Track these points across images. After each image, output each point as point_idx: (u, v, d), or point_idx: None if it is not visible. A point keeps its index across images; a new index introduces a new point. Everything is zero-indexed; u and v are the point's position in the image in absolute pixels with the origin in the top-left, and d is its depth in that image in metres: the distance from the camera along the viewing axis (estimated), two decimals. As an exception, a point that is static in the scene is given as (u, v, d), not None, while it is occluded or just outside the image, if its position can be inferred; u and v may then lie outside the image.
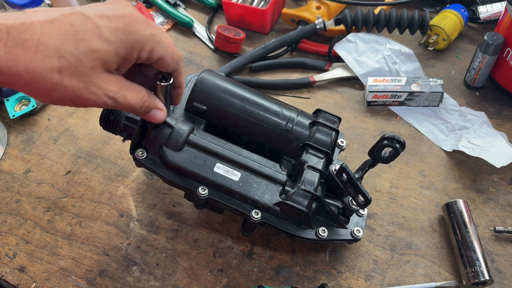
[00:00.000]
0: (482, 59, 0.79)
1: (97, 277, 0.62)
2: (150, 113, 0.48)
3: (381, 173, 0.73)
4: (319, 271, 0.63)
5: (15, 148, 0.75)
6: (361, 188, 0.53)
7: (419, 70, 0.85)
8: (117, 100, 0.42)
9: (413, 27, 0.87)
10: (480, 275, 0.59)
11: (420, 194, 0.71)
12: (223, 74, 0.65)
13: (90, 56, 0.39)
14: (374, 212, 0.68)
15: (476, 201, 0.70)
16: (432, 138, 0.78)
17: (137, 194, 0.70)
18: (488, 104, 0.82)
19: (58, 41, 0.38)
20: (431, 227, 0.67)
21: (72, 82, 0.39)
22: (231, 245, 0.65)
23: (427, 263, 0.64)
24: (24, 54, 0.37)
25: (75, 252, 0.64)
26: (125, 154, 0.74)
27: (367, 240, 0.66)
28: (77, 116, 0.80)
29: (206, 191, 0.56)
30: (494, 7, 0.92)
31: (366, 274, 0.63)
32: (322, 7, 0.94)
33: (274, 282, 0.62)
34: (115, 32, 0.40)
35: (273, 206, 0.56)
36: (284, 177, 0.58)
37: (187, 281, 0.61)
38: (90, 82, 0.40)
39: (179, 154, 0.57)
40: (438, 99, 0.79)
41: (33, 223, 0.67)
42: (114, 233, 0.66)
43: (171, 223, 0.67)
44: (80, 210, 0.68)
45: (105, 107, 0.43)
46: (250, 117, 0.60)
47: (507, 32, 0.77)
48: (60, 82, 0.38)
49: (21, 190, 0.70)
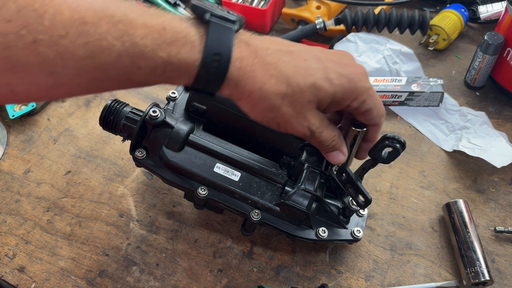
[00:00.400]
0: (482, 59, 0.79)
1: (97, 277, 0.62)
2: (333, 152, 0.50)
3: (381, 173, 0.73)
4: (319, 271, 0.63)
5: (14, 148, 0.75)
6: (361, 188, 0.53)
7: (419, 70, 0.85)
8: (315, 134, 0.46)
9: (413, 27, 0.87)
10: (481, 275, 0.59)
11: (420, 194, 0.71)
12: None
13: (312, 91, 0.42)
14: (374, 212, 0.68)
15: (476, 201, 0.70)
16: (432, 138, 0.78)
17: (137, 194, 0.70)
18: (489, 104, 0.82)
19: (291, 71, 0.42)
20: (431, 227, 0.67)
21: (288, 109, 0.43)
22: (231, 245, 0.65)
23: (427, 263, 0.63)
24: (263, 76, 0.41)
25: (75, 252, 0.64)
26: (125, 154, 0.74)
27: (367, 240, 0.65)
28: (76, 116, 0.80)
29: (206, 191, 0.56)
30: (494, 7, 0.92)
31: (366, 274, 0.63)
32: (322, 7, 0.94)
33: (274, 282, 0.62)
34: (340, 77, 0.43)
35: (273, 206, 0.56)
36: (284, 177, 0.58)
37: (187, 281, 0.61)
38: (301, 113, 0.44)
39: (179, 154, 0.57)
40: (438, 99, 0.79)
41: (32, 223, 0.67)
42: (114, 233, 0.66)
43: (171, 223, 0.67)
44: (80, 210, 0.68)
45: (301, 137, 0.47)
46: (250, 117, 0.60)
47: (507, 32, 0.77)
48: (279, 106, 0.43)
49: (21, 190, 0.70)
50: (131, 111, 0.60)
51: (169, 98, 0.63)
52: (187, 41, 0.38)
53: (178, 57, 0.38)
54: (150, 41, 0.36)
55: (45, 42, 0.33)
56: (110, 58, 0.35)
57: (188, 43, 0.38)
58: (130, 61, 0.36)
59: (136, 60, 0.37)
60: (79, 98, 0.82)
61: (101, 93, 0.83)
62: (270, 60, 0.41)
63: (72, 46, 0.34)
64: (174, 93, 0.63)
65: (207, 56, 0.39)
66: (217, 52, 0.39)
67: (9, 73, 0.34)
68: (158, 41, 0.37)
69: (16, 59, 0.33)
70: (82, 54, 0.34)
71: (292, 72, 0.42)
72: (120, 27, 0.35)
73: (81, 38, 0.34)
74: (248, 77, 0.41)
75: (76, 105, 0.81)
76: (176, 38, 0.38)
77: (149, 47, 0.36)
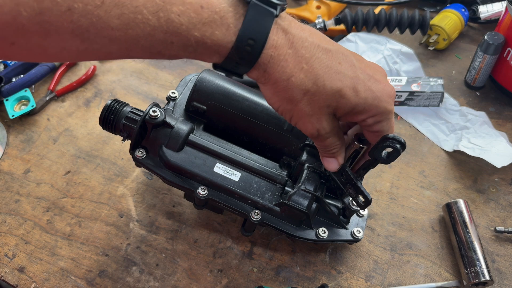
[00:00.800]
0: (483, 59, 0.79)
1: (96, 277, 0.62)
2: (330, 158, 0.50)
3: (382, 173, 0.73)
4: (319, 272, 0.63)
5: (14, 148, 0.75)
6: (362, 189, 0.53)
7: (419, 70, 0.85)
8: (321, 137, 0.46)
9: (414, 27, 0.86)
10: (481, 276, 0.59)
11: (420, 194, 0.71)
12: (223, 74, 0.64)
13: (335, 96, 0.42)
14: (375, 212, 0.68)
15: (476, 201, 0.69)
16: (433, 138, 0.78)
17: (137, 194, 0.70)
18: (489, 104, 0.82)
19: (322, 71, 0.41)
20: (431, 227, 0.67)
21: (306, 106, 0.42)
22: (231, 246, 0.65)
23: (428, 264, 0.63)
24: (293, 67, 0.40)
25: (74, 253, 0.64)
26: (124, 154, 0.74)
27: (367, 240, 0.65)
28: (76, 116, 0.80)
29: (206, 191, 0.56)
30: (494, 7, 0.92)
31: (366, 274, 0.62)
32: (322, 6, 0.94)
33: (274, 282, 0.62)
34: (367, 91, 0.43)
35: (273, 206, 0.56)
36: (284, 178, 0.58)
37: (187, 281, 0.61)
38: (317, 114, 0.43)
39: (178, 154, 0.57)
40: (438, 99, 0.79)
41: (32, 223, 0.67)
42: (113, 234, 0.66)
43: (170, 223, 0.67)
44: (80, 210, 0.68)
45: (308, 135, 0.46)
46: (250, 117, 0.60)
47: (508, 32, 0.77)
48: (299, 101, 0.42)
49: (21, 190, 0.70)
50: (131, 111, 0.60)
51: (169, 98, 0.63)
52: (223, 22, 0.37)
53: (212, 38, 0.37)
54: (186, 19, 0.36)
55: (79, 10, 0.33)
56: (144, 32, 0.35)
57: (224, 24, 0.38)
58: (163, 36, 0.36)
59: (170, 36, 0.36)
60: (78, 98, 0.82)
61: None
62: (304, 53, 0.40)
63: (107, 16, 0.34)
64: (174, 93, 0.63)
65: (241, 39, 0.38)
66: (252, 37, 0.38)
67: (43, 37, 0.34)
68: (194, 20, 0.36)
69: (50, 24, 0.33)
70: (116, 25, 0.34)
71: (323, 73, 0.41)
72: (157, 1, 0.35)
73: (116, 9, 0.34)
74: (279, 65, 0.40)
75: (76, 105, 0.81)
76: (213, 19, 0.37)
77: (185, 25, 0.36)
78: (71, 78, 0.85)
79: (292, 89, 0.41)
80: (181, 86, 0.65)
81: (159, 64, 0.87)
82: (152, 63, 0.88)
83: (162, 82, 0.84)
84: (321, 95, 0.41)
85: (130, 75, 0.85)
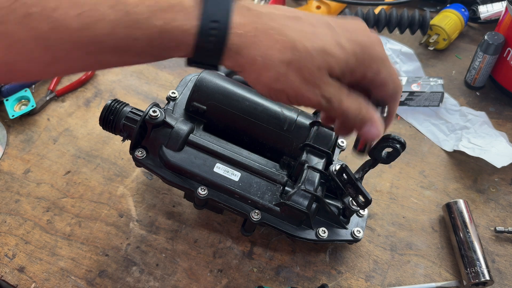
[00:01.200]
0: (483, 59, 0.79)
1: (96, 277, 0.62)
2: (365, 127, 0.44)
3: (382, 173, 0.73)
4: (319, 272, 0.63)
5: (14, 148, 0.75)
6: (362, 189, 0.53)
7: (419, 70, 0.85)
8: (333, 104, 0.42)
9: (414, 27, 0.86)
10: (481, 276, 0.59)
11: (420, 194, 0.71)
12: (223, 74, 0.64)
13: (322, 56, 0.39)
14: (375, 212, 0.68)
15: (476, 201, 0.69)
16: (433, 138, 0.78)
17: (137, 194, 0.70)
18: (489, 104, 0.82)
19: (297, 36, 0.39)
20: (431, 227, 0.67)
21: (295, 76, 0.39)
22: (231, 246, 0.65)
23: (428, 264, 0.63)
24: (266, 40, 0.38)
25: (74, 253, 0.64)
26: (124, 154, 0.74)
27: (367, 240, 0.65)
28: (76, 116, 0.80)
29: (206, 191, 0.56)
30: (494, 7, 0.92)
31: (366, 274, 0.62)
32: (322, 6, 0.94)
33: (274, 282, 0.62)
34: (352, 43, 0.40)
35: (273, 206, 0.56)
36: (284, 178, 0.58)
37: (187, 281, 0.61)
38: (311, 80, 0.40)
39: (178, 154, 0.57)
40: (438, 99, 0.79)
41: (32, 223, 0.67)
42: (113, 234, 0.66)
43: (170, 223, 0.67)
44: (80, 210, 0.68)
45: (319, 108, 0.43)
46: (250, 117, 0.60)
47: (508, 32, 0.77)
48: (285, 74, 0.39)
49: (21, 190, 0.70)
50: (131, 111, 0.60)
51: (169, 98, 0.63)
52: (183, 7, 0.37)
53: (173, 24, 0.36)
54: (145, 9, 0.35)
55: (37, 15, 0.32)
56: (105, 29, 0.35)
57: (183, 9, 0.37)
58: (125, 31, 0.35)
59: (132, 30, 0.35)
60: (79, 98, 0.82)
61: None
62: (274, 25, 0.38)
63: (65, 18, 0.33)
64: (174, 93, 0.63)
65: (204, 23, 0.37)
66: (214, 19, 0.37)
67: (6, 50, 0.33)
68: (152, 8, 0.35)
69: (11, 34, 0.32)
70: (76, 26, 0.34)
71: (299, 37, 0.39)
72: None
73: (74, 9, 0.33)
74: (251, 43, 0.38)
75: (76, 105, 0.81)
76: (172, 4, 0.36)
77: (144, 15, 0.35)
78: (71, 78, 0.85)
79: (273, 64, 0.39)
80: (181, 86, 0.65)
81: (159, 64, 0.87)
82: (152, 63, 0.88)
83: (162, 82, 0.84)
84: (306, 59, 0.39)
85: (130, 75, 0.85)
